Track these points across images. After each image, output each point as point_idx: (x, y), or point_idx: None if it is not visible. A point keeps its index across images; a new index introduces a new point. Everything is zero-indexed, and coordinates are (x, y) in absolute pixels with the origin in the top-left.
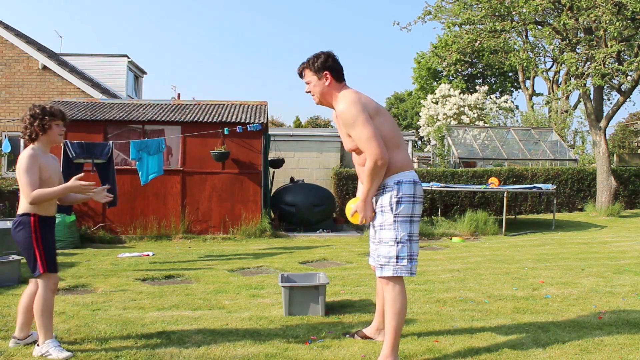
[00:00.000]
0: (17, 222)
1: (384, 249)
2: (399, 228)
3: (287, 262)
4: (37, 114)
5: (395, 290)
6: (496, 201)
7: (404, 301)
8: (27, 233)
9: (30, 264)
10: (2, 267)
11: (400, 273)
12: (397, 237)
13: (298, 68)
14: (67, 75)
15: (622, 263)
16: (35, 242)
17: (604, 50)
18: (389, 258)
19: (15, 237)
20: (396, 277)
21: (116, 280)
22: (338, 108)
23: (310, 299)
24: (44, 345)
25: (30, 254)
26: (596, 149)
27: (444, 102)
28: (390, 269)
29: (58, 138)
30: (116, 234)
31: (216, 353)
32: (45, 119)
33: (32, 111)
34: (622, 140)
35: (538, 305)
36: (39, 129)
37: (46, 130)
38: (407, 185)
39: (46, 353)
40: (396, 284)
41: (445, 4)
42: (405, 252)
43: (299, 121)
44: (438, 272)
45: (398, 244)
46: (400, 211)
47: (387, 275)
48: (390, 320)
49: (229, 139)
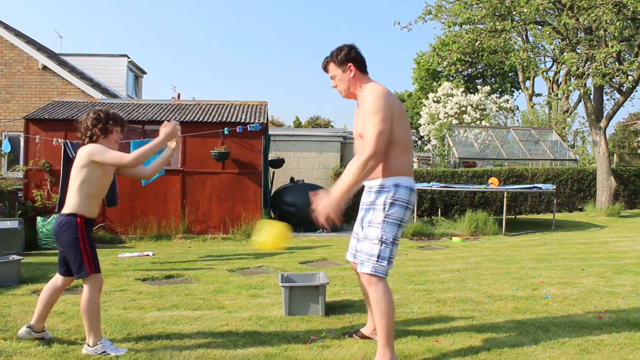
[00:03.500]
0: (62, 221)
1: (367, 246)
2: (386, 229)
3: (287, 262)
4: (101, 118)
5: (378, 290)
6: (496, 201)
7: (388, 300)
8: (74, 234)
9: (75, 265)
10: (2, 267)
11: (378, 272)
12: (382, 236)
13: (322, 63)
14: (67, 75)
15: (622, 263)
16: (82, 243)
17: (605, 50)
18: (370, 255)
19: (60, 237)
20: (378, 276)
21: (116, 280)
22: (366, 97)
23: (310, 299)
24: (99, 346)
25: (76, 255)
26: (596, 149)
27: (446, 101)
28: (369, 267)
29: (115, 145)
30: (116, 234)
31: (216, 353)
32: (109, 124)
33: (96, 114)
34: (622, 140)
35: (538, 305)
36: (100, 132)
37: (107, 134)
38: (404, 190)
39: (103, 353)
40: (379, 284)
41: (446, 4)
42: (387, 253)
43: (298, 121)
44: (438, 272)
45: (382, 244)
46: (392, 213)
47: (366, 271)
48: (379, 320)
49: (229, 139)
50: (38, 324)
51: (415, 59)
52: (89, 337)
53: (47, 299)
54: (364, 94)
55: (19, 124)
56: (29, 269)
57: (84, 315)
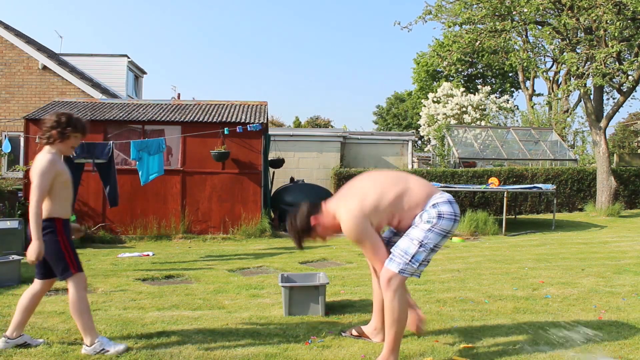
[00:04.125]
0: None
1: (405, 243)
2: (429, 235)
3: (287, 262)
4: (61, 122)
5: (394, 299)
6: (496, 201)
7: (403, 308)
8: (54, 237)
9: (58, 267)
10: (2, 267)
11: (406, 272)
12: (424, 239)
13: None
14: (67, 75)
15: (622, 263)
16: (63, 244)
17: (605, 50)
18: (405, 253)
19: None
20: (398, 280)
21: (116, 280)
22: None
23: (310, 299)
24: (97, 344)
25: (59, 257)
26: (596, 149)
27: (446, 102)
28: (399, 264)
29: (70, 150)
30: (116, 234)
31: (216, 353)
32: (67, 129)
33: (58, 117)
34: (622, 140)
35: (538, 305)
36: (57, 136)
37: (64, 139)
38: (444, 205)
39: (102, 351)
40: (397, 290)
41: (446, 4)
42: (422, 256)
43: (298, 121)
44: (438, 272)
45: (421, 246)
46: (440, 224)
47: (392, 269)
48: (390, 327)
49: (229, 139)
50: (15, 331)
51: (415, 59)
52: (85, 336)
53: (27, 305)
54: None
55: (19, 124)
56: (29, 269)
57: (75, 316)
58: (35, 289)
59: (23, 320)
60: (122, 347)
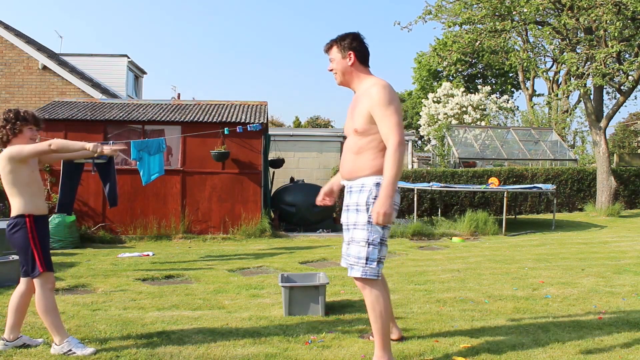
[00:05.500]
0: (12, 224)
1: (355, 249)
2: (371, 229)
3: (287, 262)
4: (9, 118)
5: (372, 294)
6: (496, 201)
7: (384, 303)
8: (24, 234)
9: (27, 264)
10: (2, 267)
11: (368, 275)
12: (369, 238)
13: (326, 45)
14: (67, 75)
15: (622, 263)
16: (33, 242)
17: (605, 50)
18: (359, 259)
19: (11, 239)
20: (370, 280)
21: (116, 280)
22: (368, 90)
23: (310, 299)
24: (65, 344)
25: (27, 254)
26: (596, 149)
27: (446, 102)
28: (359, 270)
29: (29, 141)
30: (116, 234)
31: (216, 353)
32: (17, 124)
33: (5, 115)
34: (622, 140)
35: (538, 305)
36: (10, 133)
37: (17, 134)
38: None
39: (69, 352)
40: (373, 288)
41: (446, 4)
42: (375, 254)
43: (298, 121)
44: (438, 272)
45: (369, 245)
46: None
47: (356, 276)
48: (374, 323)
49: (229, 139)
50: (12, 333)
51: (415, 59)
52: (54, 336)
53: (16, 306)
54: (364, 86)
55: None
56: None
57: (42, 315)
58: (21, 288)
59: (17, 321)
60: (90, 351)
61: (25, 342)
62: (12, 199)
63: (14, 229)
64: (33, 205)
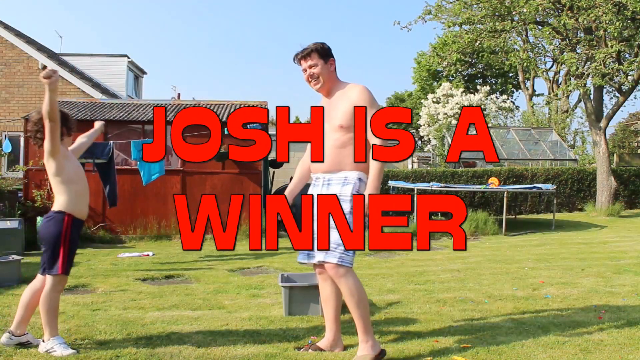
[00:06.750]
0: (50, 217)
1: (335, 235)
2: (352, 219)
3: (287, 262)
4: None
5: (349, 281)
6: (496, 201)
7: (360, 288)
8: (58, 230)
9: (49, 260)
10: (2, 267)
11: (344, 262)
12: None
13: (302, 52)
14: (67, 75)
15: (622, 263)
16: (63, 241)
17: (604, 50)
18: (338, 245)
19: (43, 231)
20: (345, 267)
21: (116, 280)
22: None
23: (310, 299)
24: (50, 342)
25: (54, 251)
26: (596, 149)
27: (445, 102)
28: (335, 256)
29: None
30: (116, 234)
31: (216, 353)
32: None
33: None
34: (622, 140)
35: (538, 305)
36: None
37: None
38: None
39: (51, 350)
40: (348, 275)
41: (446, 4)
42: None
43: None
44: (438, 272)
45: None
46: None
47: (331, 261)
48: (356, 310)
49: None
50: (19, 328)
51: (415, 59)
52: (45, 331)
53: (28, 302)
54: (343, 90)
55: (19, 124)
56: (29, 269)
57: (42, 311)
58: (36, 285)
59: (26, 317)
60: (70, 352)
61: (29, 340)
62: (57, 196)
63: (51, 222)
64: (76, 206)
